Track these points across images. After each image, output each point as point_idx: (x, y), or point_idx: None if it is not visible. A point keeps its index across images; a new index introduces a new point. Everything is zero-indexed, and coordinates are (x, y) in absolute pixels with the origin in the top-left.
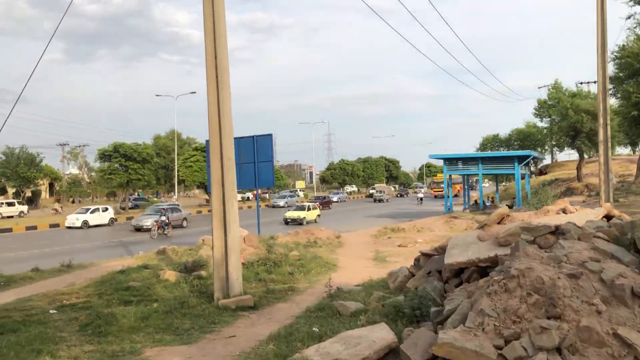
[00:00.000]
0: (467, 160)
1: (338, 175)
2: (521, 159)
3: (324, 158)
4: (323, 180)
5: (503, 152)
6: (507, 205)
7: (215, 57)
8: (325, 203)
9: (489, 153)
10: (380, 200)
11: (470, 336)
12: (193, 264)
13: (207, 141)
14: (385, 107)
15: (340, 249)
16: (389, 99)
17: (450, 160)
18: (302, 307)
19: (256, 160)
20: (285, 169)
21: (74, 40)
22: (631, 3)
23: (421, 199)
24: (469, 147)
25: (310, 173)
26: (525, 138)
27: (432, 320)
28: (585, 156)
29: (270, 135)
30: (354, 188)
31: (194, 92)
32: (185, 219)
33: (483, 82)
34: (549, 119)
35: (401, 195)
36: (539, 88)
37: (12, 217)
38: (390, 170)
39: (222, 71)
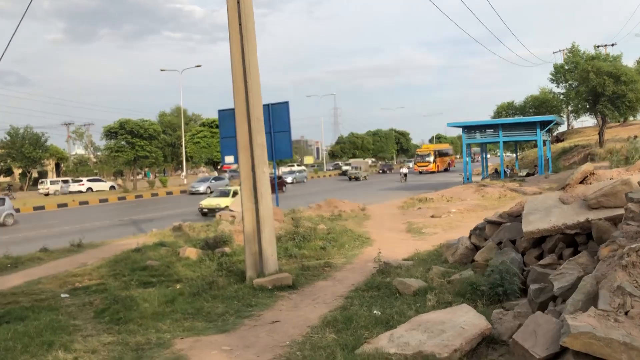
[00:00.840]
0: (486, 127)
1: (348, 149)
2: (543, 125)
3: (331, 133)
4: (332, 154)
5: (525, 118)
6: (528, 173)
7: (238, 1)
8: (279, 184)
9: (509, 119)
10: (356, 179)
11: (611, 322)
12: (215, 240)
13: (220, 111)
14: (391, 80)
15: (368, 222)
16: (395, 71)
17: (469, 128)
18: (346, 285)
19: (273, 130)
20: (293, 145)
21: (76, 19)
22: None
23: (405, 174)
24: (480, 117)
25: (317, 149)
26: (540, 105)
27: (532, 300)
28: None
29: (287, 103)
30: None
31: (199, 66)
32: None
33: (492, 52)
34: (566, 84)
35: (384, 172)
36: (553, 53)
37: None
38: (400, 143)
39: (247, 17)
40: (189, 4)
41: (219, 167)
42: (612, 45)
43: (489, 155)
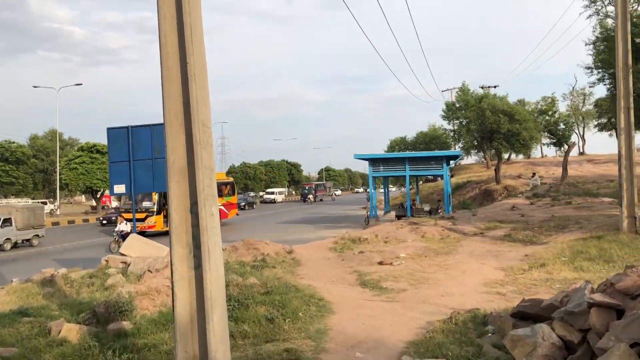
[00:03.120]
0: (393, 160)
1: (239, 179)
2: (449, 159)
3: (218, 163)
4: None
5: (431, 152)
6: (432, 208)
7: None
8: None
9: (416, 153)
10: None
11: None
12: (107, 309)
13: (110, 130)
14: (282, 112)
15: (303, 269)
16: (285, 104)
17: (375, 161)
18: None
19: (154, 155)
20: None
21: None
22: None
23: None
24: (369, 151)
25: None
26: (430, 141)
27: None
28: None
29: None
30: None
31: (80, 84)
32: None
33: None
34: (457, 121)
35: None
36: (442, 92)
37: None
38: (292, 174)
39: None
40: (69, 25)
41: (97, 196)
42: (495, 87)
43: (378, 190)
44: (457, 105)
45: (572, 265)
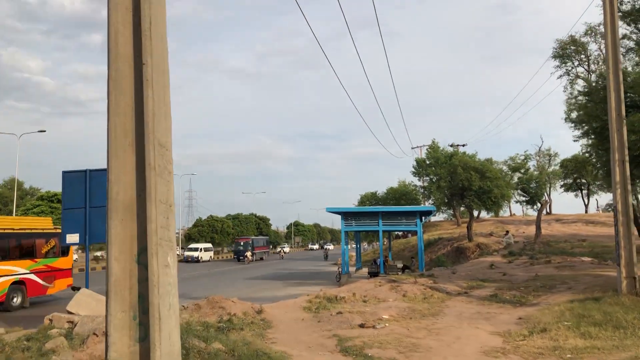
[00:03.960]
0: (366, 214)
1: (206, 232)
2: (423, 214)
3: (185, 216)
4: (189, 237)
5: (405, 207)
6: (405, 265)
7: None
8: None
9: (389, 207)
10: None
11: None
12: None
13: (65, 173)
14: (249, 167)
15: (274, 333)
16: (252, 159)
17: (347, 215)
18: None
19: (89, 204)
20: None
21: None
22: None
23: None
24: (339, 205)
25: None
26: (400, 196)
27: None
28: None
29: None
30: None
31: (43, 131)
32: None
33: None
34: (427, 178)
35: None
36: (412, 149)
37: None
38: (260, 228)
39: None
40: (39, 75)
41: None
42: (464, 145)
43: (330, 247)
44: (428, 162)
45: (577, 331)
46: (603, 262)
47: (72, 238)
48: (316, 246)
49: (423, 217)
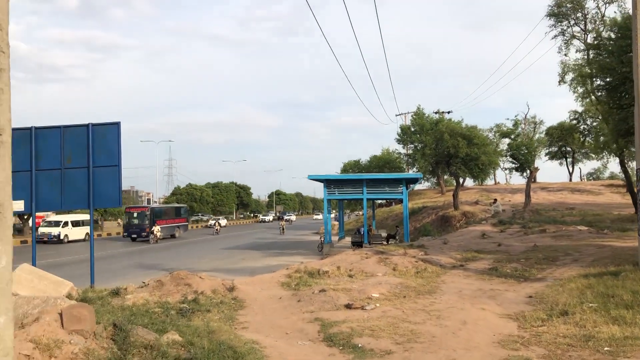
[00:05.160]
0: (349, 182)
1: (184, 200)
2: (409, 182)
3: (164, 185)
4: None
5: (390, 175)
6: (389, 234)
7: None
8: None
9: (374, 175)
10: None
11: None
12: None
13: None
14: (231, 135)
15: (246, 315)
16: (235, 127)
17: (330, 182)
18: None
19: (93, 163)
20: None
21: None
22: None
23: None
24: (322, 173)
25: (148, 200)
26: (384, 165)
27: None
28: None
29: (118, 124)
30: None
31: None
32: None
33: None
34: (412, 145)
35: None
36: (396, 115)
37: None
38: (241, 197)
39: None
40: (12, 39)
41: (25, 217)
42: (449, 112)
43: (318, 216)
44: (412, 129)
45: (607, 315)
46: (601, 232)
47: (16, 205)
48: (269, 217)
49: (409, 185)
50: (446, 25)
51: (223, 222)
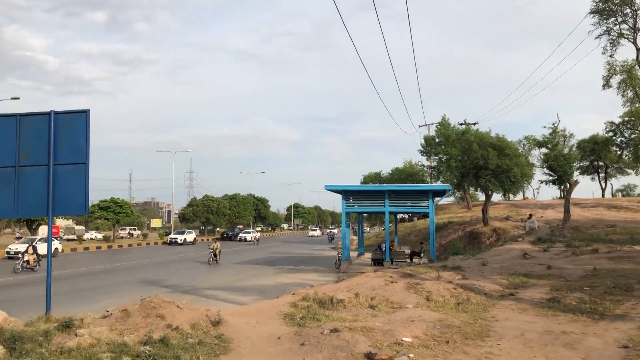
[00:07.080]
0: (370, 193)
1: (201, 212)
2: (436, 194)
3: (185, 197)
4: (183, 217)
5: (415, 186)
6: (413, 251)
7: None
8: None
9: (397, 186)
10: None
11: None
12: None
13: None
14: (251, 149)
15: None
16: (256, 142)
17: (349, 194)
18: None
19: (51, 160)
20: (141, 207)
21: None
22: None
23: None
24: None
25: (169, 211)
26: (407, 177)
27: None
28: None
29: (86, 112)
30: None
31: (17, 98)
32: None
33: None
34: (436, 157)
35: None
36: (420, 127)
37: None
38: (259, 209)
39: None
40: (42, 53)
41: (33, 226)
42: (475, 123)
43: (315, 232)
44: (437, 140)
45: None
46: None
47: None
48: (317, 232)
49: (436, 198)
50: (468, 42)
51: (257, 234)
